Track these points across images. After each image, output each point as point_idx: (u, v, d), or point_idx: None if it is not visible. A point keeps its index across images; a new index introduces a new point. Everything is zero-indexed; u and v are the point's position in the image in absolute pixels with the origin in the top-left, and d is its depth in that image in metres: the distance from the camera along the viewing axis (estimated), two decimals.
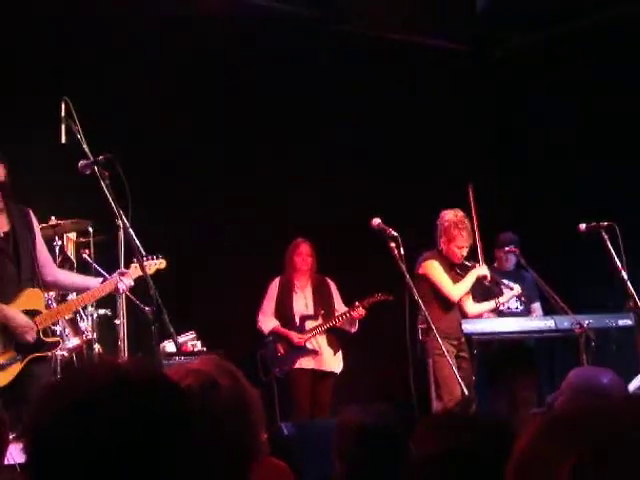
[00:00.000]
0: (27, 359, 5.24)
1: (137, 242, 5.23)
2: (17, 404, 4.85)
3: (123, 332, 6.34)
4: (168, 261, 5.96)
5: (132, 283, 5.62)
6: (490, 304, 8.00)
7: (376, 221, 6.80)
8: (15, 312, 5.23)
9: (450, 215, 7.66)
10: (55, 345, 5.57)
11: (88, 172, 5.32)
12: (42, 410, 1.54)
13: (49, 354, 5.57)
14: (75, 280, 5.93)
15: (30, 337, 5.25)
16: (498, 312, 8.10)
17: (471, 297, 7.85)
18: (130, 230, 5.23)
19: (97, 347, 7.16)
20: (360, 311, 8.17)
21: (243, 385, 2.39)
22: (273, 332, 8.32)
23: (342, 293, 8.49)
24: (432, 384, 7.27)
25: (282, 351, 8.23)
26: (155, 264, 5.84)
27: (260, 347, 8.36)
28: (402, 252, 6.67)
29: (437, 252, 7.74)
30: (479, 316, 7.92)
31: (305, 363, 8.21)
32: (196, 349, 8.15)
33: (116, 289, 5.57)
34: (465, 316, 7.74)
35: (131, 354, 6.70)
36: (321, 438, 4.14)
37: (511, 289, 7.98)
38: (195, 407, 1.76)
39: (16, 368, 5.18)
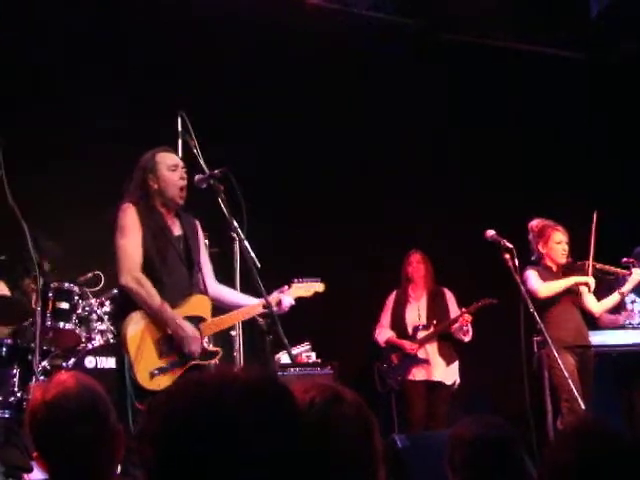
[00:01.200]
0: (188, 365, 5.14)
1: (252, 255, 5.28)
2: None
3: (239, 343, 6.39)
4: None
5: (293, 302, 5.55)
6: (614, 297, 7.71)
7: (490, 232, 6.75)
8: (185, 322, 5.12)
9: (536, 221, 7.58)
10: (215, 354, 5.40)
11: (204, 186, 5.42)
12: (153, 417, 1.58)
13: (209, 363, 5.40)
14: (237, 297, 5.69)
15: (195, 347, 5.12)
16: (620, 326, 7.95)
17: (593, 296, 7.61)
18: (245, 243, 5.30)
19: None
20: (466, 317, 8.13)
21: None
22: (388, 342, 8.42)
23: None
24: (548, 397, 7.15)
25: (396, 361, 8.29)
26: (315, 287, 5.76)
27: (377, 359, 8.41)
28: (517, 263, 6.60)
29: (541, 267, 7.52)
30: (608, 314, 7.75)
31: (418, 374, 8.24)
32: (311, 360, 8.20)
33: (279, 305, 5.42)
34: (592, 317, 7.56)
35: (246, 365, 6.77)
36: (435, 450, 4.11)
37: (629, 275, 7.60)
38: (315, 420, 1.76)
39: (177, 372, 5.09)
